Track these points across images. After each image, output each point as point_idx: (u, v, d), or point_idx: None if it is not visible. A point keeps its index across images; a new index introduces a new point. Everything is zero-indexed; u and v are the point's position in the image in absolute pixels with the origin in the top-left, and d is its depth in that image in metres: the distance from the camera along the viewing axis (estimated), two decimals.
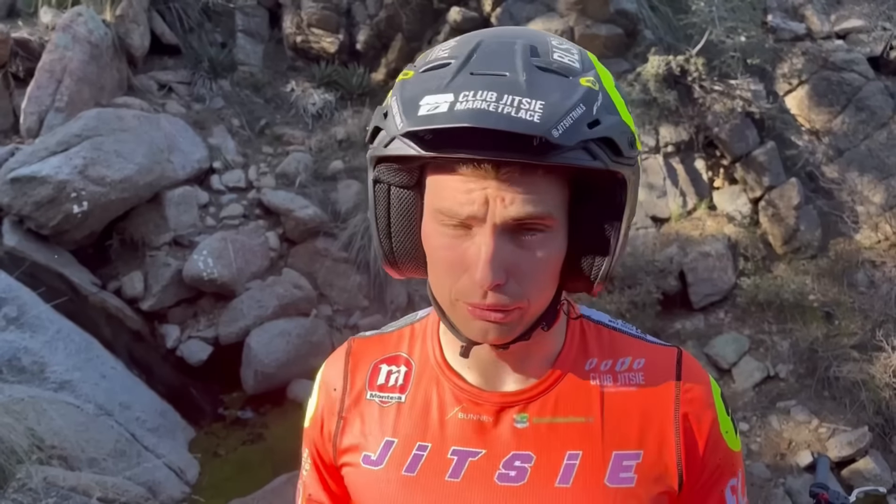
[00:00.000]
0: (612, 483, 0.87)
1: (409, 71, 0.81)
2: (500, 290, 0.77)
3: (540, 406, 0.90)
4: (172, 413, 5.58)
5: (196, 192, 6.84)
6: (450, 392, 0.93)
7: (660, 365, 0.93)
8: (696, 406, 0.92)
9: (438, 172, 0.78)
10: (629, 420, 0.90)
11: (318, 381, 1.05)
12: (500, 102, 0.69)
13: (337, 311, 6.73)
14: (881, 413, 6.37)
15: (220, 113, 7.78)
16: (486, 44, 0.78)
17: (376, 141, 0.80)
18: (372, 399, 0.98)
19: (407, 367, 0.97)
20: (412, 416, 0.94)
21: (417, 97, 0.74)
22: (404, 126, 0.73)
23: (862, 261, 7.32)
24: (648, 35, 7.70)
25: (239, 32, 8.52)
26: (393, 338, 1.02)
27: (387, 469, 0.93)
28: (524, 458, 0.88)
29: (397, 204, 0.84)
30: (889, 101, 7.67)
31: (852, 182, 7.58)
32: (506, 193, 0.74)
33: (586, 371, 0.92)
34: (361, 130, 7.88)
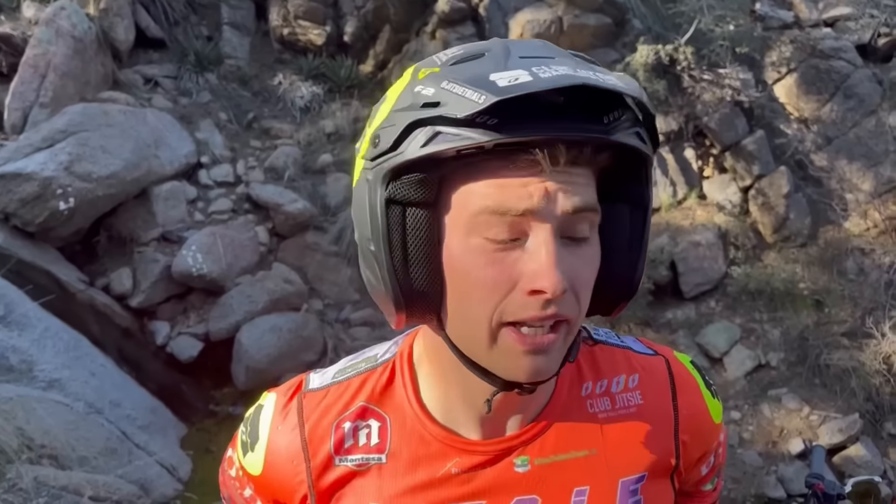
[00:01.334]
0: None
1: (431, 67, 0.70)
2: (559, 302, 0.68)
3: (540, 445, 0.83)
4: (163, 410, 5.55)
5: (184, 188, 6.78)
6: (438, 447, 0.83)
7: (654, 379, 0.89)
8: (693, 420, 0.90)
9: (474, 177, 0.68)
10: (632, 444, 0.86)
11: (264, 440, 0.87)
12: (577, 72, 0.63)
13: (328, 305, 6.70)
14: (871, 400, 6.41)
15: (206, 107, 7.71)
16: (510, 40, 0.73)
17: (405, 144, 0.67)
18: (342, 464, 0.84)
19: (379, 421, 0.85)
20: (398, 480, 0.82)
21: (482, 76, 0.64)
22: (488, 98, 0.61)
23: (851, 248, 7.35)
24: (637, 24, 7.68)
25: (225, 25, 8.44)
26: (352, 386, 0.87)
27: None
28: (530, 502, 0.82)
29: (415, 226, 0.70)
30: (877, 89, 7.69)
31: (841, 170, 7.60)
32: (566, 185, 0.67)
33: (583, 398, 0.86)
34: (350, 123, 7.84)
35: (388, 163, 0.69)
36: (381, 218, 0.70)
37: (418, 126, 0.66)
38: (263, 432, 0.89)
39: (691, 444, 0.89)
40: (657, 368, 0.90)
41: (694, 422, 0.89)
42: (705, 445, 0.93)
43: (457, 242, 0.70)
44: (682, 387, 0.90)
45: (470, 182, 0.68)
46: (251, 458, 0.90)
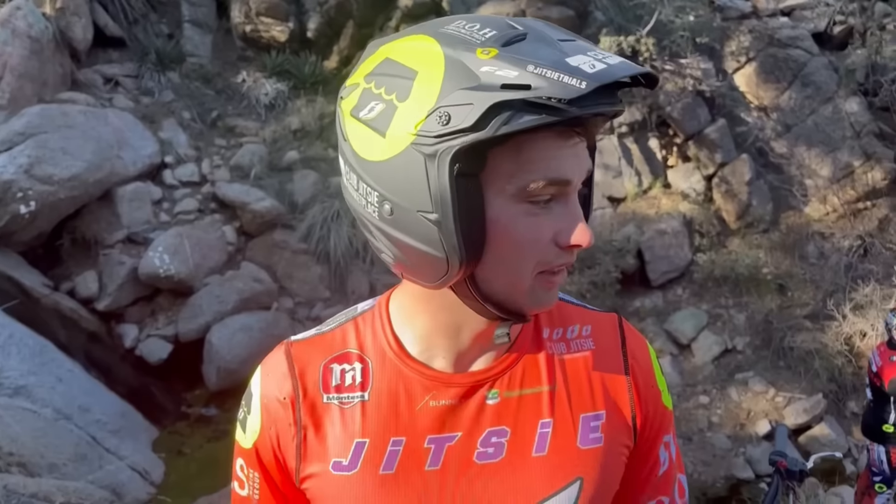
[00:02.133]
0: (584, 445, 0.90)
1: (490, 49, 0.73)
2: None
3: (508, 380, 0.90)
4: (134, 413, 5.49)
5: (148, 188, 6.71)
6: (416, 382, 0.90)
7: (605, 330, 0.97)
8: (641, 368, 0.97)
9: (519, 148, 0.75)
10: (588, 383, 0.93)
11: (257, 397, 0.94)
12: (613, 57, 0.73)
13: (298, 303, 6.67)
14: (834, 380, 6.58)
15: (169, 106, 7.62)
16: (517, 18, 0.80)
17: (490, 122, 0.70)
18: (330, 402, 0.91)
19: (361, 363, 0.92)
20: (380, 413, 0.89)
21: (559, 60, 0.71)
22: (590, 84, 0.68)
23: (812, 233, 7.52)
24: (599, 16, 7.75)
25: (186, 23, 8.34)
26: (336, 336, 0.94)
27: (362, 472, 0.89)
28: (500, 433, 0.89)
29: (470, 194, 0.75)
30: (833, 76, 7.86)
31: (800, 156, 7.76)
32: (583, 151, 0.79)
33: (543, 340, 0.94)
34: (316, 120, 7.81)
35: (464, 139, 0.72)
36: (451, 189, 0.73)
37: (503, 107, 0.70)
38: (256, 390, 0.94)
39: (643, 394, 0.95)
40: (608, 322, 0.99)
41: (643, 373, 0.96)
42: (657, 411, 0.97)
43: (503, 207, 0.77)
44: (632, 339, 0.98)
45: (519, 153, 0.75)
46: (250, 424, 0.94)
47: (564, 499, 0.89)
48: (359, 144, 0.79)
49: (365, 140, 0.78)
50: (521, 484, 0.89)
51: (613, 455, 0.92)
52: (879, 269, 7.13)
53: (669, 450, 1.00)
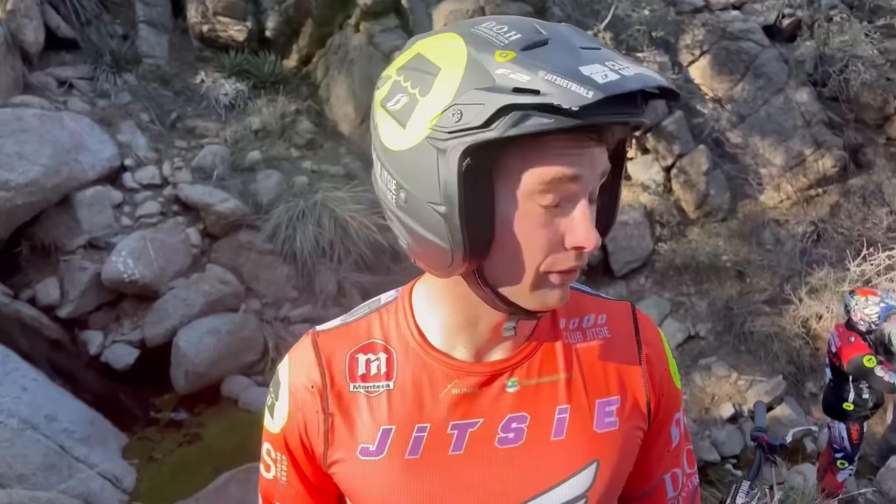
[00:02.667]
0: (600, 428, 0.95)
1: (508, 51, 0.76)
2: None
3: (527, 369, 0.95)
4: (102, 421, 5.39)
5: (108, 192, 6.59)
6: (439, 371, 0.94)
7: (619, 319, 1.02)
8: (654, 353, 1.02)
9: (531, 150, 0.77)
10: (604, 370, 0.98)
11: (285, 383, 0.98)
12: (633, 68, 0.74)
13: (266, 304, 6.63)
14: (793, 362, 6.79)
15: (127, 108, 7.49)
16: (544, 22, 0.82)
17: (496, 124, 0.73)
18: (356, 391, 0.95)
19: (386, 353, 0.96)
20: (405, 401, 0.94)
21: (572, 68, 0.72)
22: (597, 94, 0.70)
23: (767, 220, 7.74)
24: (557, 11, 7.85)
25: (140, 23, 8.20)
26: (360, 326, 0.99)
27: (389, 456, 0.93)
28: (520, 419, 0.94)
29: (479, 191, 0.78)
30: (784, 67, 8.09)
31: (755, 146, 7.98)
32: (599, 156, 0.80)
33: (560, 330, 0.98)
34: (278, 119, 7.76)
35: (474, 137, 0.75)
36: (459, 184, 0.76)
37: (513, 109, 0.73)
38: (284, 378, 0.99)
39: (657, 380, 1.01)
40: (622, 310, 1.04)
41: (657, 359, 1.02)
42: (669, 393, 1.02)
43: (512, 206, 0.80)
44: (645, 327, 1.03)
45: (530, 155, 0.78)
46: (278, 411, 0.99)
47: (582, 480, 0.94)
48: (384, 133, 0.83)
49: (389, 130, 0.82)
50: (540, 466, 0.93)
51: (628, 437, 0.98)
52: (832, 254, 7.38)
53: (679, 426, 1.07)
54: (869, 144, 8.22)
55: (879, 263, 6.98)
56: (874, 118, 8.29)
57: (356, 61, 7.91)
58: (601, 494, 0.95)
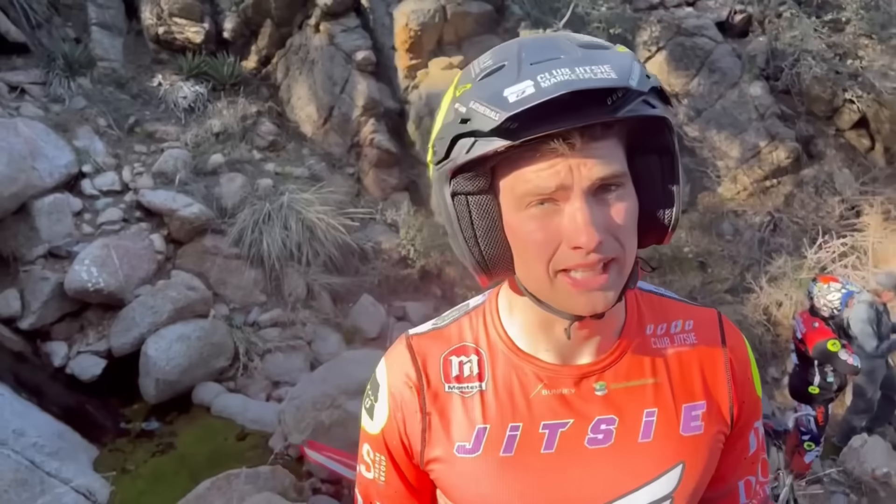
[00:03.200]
0: (686, 432, 0.99)
1: (465, 84, 0.85)
2: (600, 248, 0.82)
3: (614, 373, 0.98)
4: (71, 434, 5.26)
5: (68, 199, 6.43)
6: (529, 373, 0.98)
7: (706, 325, 1.05)
8: (740, 361, 1.04)
9: (515, 167, 0.83)
10: (690, 375, 1.01)
11: (384, 385, 1.03)
12: (574, 73, 0.77)
13: (234, 309, 6.55)
14: (756, 349, 6.97)
15: (83, 113, 7.31)
16: (526, 42, 0.86)
17: (454, 152, 0.83)
18: (451, 391, 0.99)
19: (477, 355, 1.00)
20: (497, 401, 0.98)
21: (498, 92, 0.78)
22: (501, 115, 0.76)
23: (726, 211, 7.94)
24: (516, 10, 7.91)
25: (93, 26, 8.01)
26: (452, 330, 1.04)
27: (484, 454, 0.96)
28: (608, 421, 0.97)
29: (478, 210, 0.86)
30: (737, 62, 8.30)
31: (712, 139, 8.18)
32: (586, 159, 0.81)
33: (647, 336, 1.02)
34: (238, 121, 7.67)
35: (446, 167, 0.85)
36: (451, 207, 0.87)
37: (461, 138, 0.82)
38: (382, 379, 1.04)
39: (741, 387, 1.03)
40: (709, 317, 1.06)
41: (741, 366, 1.04)
42: (750, 401, 1.05)
43: (512, 216, 0.86)
44: (731, 334, 1.06)
45: (513, 169, 0.84)
46: (377, 412, 1.04)
47: (668, 480, 0.98)
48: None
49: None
50: (629, 467, 0.97)
51: (712, 441, 1.01)
52: (789, 242, 7.61)
53: (758, 434, 1.10)
54: (820, 136, 8.49)
55: (834, 250, 7.23)
56: (824, 110, 8.57)
57: (317, 61, 7.86)
58: (687, 495, 0.99)
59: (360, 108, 7.63)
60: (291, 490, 4.44)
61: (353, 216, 7.09)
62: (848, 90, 8.02)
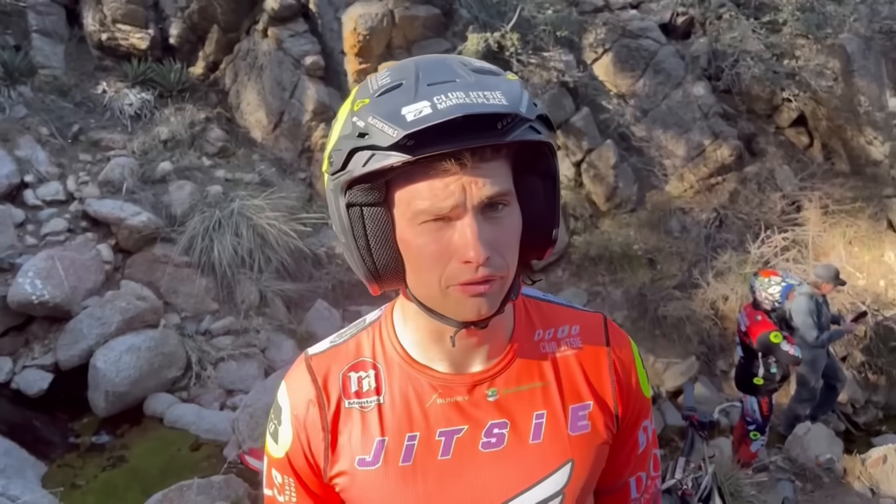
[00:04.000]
0: (574, 431, 1.05)
1: (363, 98, 0.89)
2: (487, 263, 0.88)
3: (505, 379, 1.04)
4: (17, 450, 5.14)
5: (9, 211, 6.27)
6: (424, 383, 1.03)
7: (592, 329, 1.11)
8: (624, 362, 1.11)
9: (409, 181, 0.87)
10: (577, 377, 1.07)
11: (286, 407, 1.06)
12: (469, 97, 0.82)
13: (186, 317, 6.47)
14: (704, 342, 7.17)
15: (23, 122, 7.14)
16: (422, 63, 0.91)
17: (350, 164, 0.86)
18: (352, 407, 1.03)
19: (374, 370, 1.05)
20: (395, 413, 1.02)
21: (396, 110, 0.83)
22: (399, 133, 0.81)
23: (674, 209, 8.12)
24: (464, 14, 7.97)
25: (34, 33, 7.82)
26: (350, 346, 1.08)
27: (385, 465, 1.01)
28: (501, 425, 1.03)
29: (372, 221, 0.90)
30: (680, 63, 8.50)
31: (658, 139, 8.36)
32: (477, 178, 0.86)
33: (536, 342, 1.08)
34: (186, 128, 7.58)
35: (342, 178, 0.88)
36: (344, 218, 0.90)
37: (357, 151, 0.86)
38: (284, 402, 1.07)
39: (626, 387, 1.10)
40: (595, 321, 1.14)
41: (625, 368, 1.11)
42: (637, 400, 1.12)
43: (406, 229, 0.90)
44: (615, 337, 1.13)
45: (407, 184, 0.88)
46: (282, 435, 1.06)
47: (559, 478, 1.04)
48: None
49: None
50: (521, 467, 1.03)
51: (599, 439, 1.07)
52: (734, 238, 7.82)
53: (647, 432, 1.17)
54: (761, 134, 8.75)
55: (776, 245, 7.45)
56: (764, 109, 8.83)
57: (266, 67, 7.81)
58: (576, 491, 1.05)
59: (311, 113, 7.61)
60: (245, 499, 4.41)
61: (305, 221, 7.06)
62: (786, 89, 8.28)
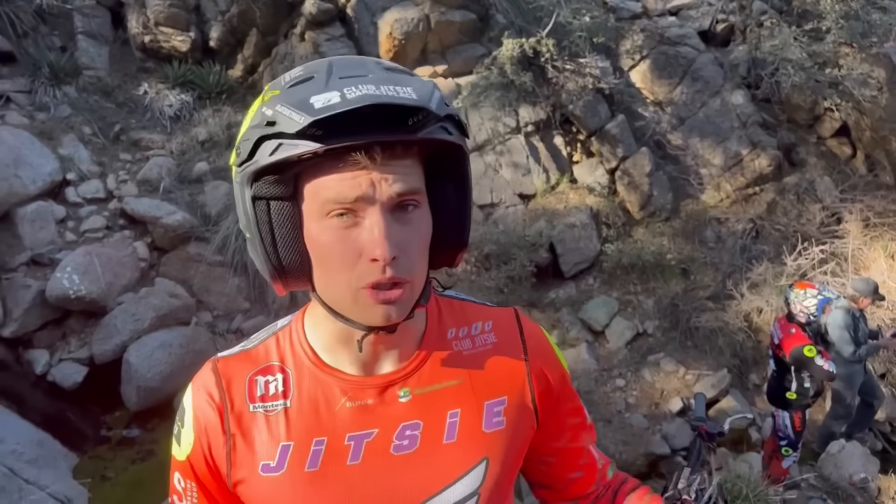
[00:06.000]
0: (488, 428, 1.02)
1: (274, 90, 0.87)
2: (395, 264, 0.86)
3: (417, 379, 1.01)
4: (51, 441, 5.28)
5: (51, 207, 6.45)
6: (333, 386, 0.99)
7: (504, 324, 1.09)
8: (540, 350, 1.09)
9: (319, 174, 0.85)
10: (491, 373, 1.05)
11: (189, 409, 1.01)
12: (380, 89, 0.81)
13: (217, 316, 6.57)
14: (737, 355, 7.02)
15: (68, 121, 7.34)
16: (336, 60, 0.90)
17: (258, 154, 0.84)
18: (256, 411, 0.99)
19: (283, 374, 1.01)
20: (302, 417, 0.98)
21: (305, 99, 0.81)
22: (306, 119, 0.79)
23: (709, 219, 7.99)
24: (500, 19, 7.98)
25: (79, 35, 8.05)
26: (259, 351, 1.04)
27: (289, 471, 0.96)
28: (413, 426, 0.99)
29: (279, 216, 0.88)
30: (719, 71, 8.38)
31: (694, 147, 8.24)
32: (387, 174, 0.84)
33: (449, 340, 1.05)
34: (224, 130, 7.70)
35: (248, 169, 0.85)
36: (250, 212, 0.87)
37: (265, 140, 0.83)
38: (188, 404, 1.02)
39: (542, 376, 1.08)
40: (507, 316, 1.11)
41: (541, 353, 1.09)
42: (558, 381, 1.10)
43: (313, 225, 0.87)
44: (528, 329, 1.11)
45: (316, 178, 0.85)
46: (184, 438, 1.02)
47: (474, 477, 1.01)
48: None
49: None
50: (435, 469, 0.99)
51: (515, 434, 1.05)
52: (770, 249, 7.66)
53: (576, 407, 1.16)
54: (801, 144, 8.57)
55: (814, 257, 7.28)
56: (805, 118, 8.65)
57: None
58: (491, 490, 1.02)
59: None
60: None
61: None
62: (828, 98, 8.10)
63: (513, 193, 7.69)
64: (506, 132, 7.81)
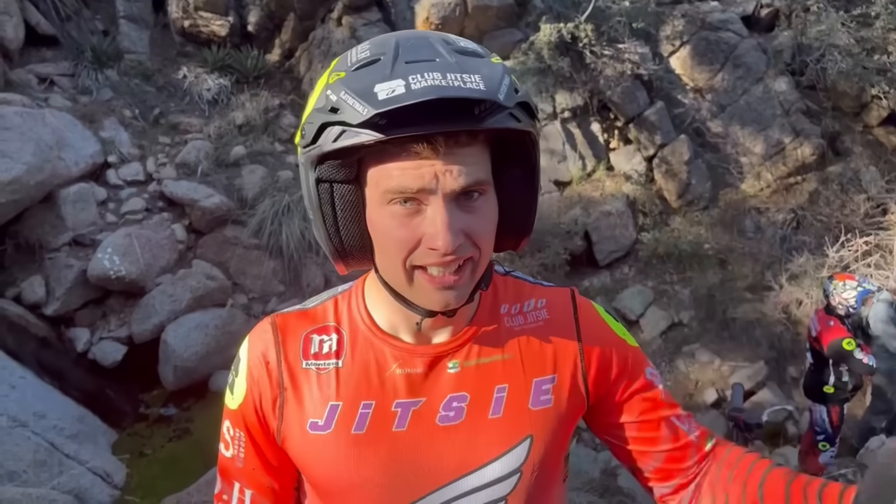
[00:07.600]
0: (535, 406, 1.01)
1: (339, 72, 0.86)
2: (457, 251, 0.86)
3: (467, 352, 1.01)
4: (91, 417, 5.41)
5: (93, 189, 6.57)
6: (385, 352, 1.00)
7: (559, 303, 1.08)
8: (595, 331, 1.07)
9: (382, 161, 0.84)
10: (542, 351, 1.04)
11: (244, 361, 1.03)
12: (446, 79, 0.79)
13: (253, 298, 6.65)
14: (774, 347, 6.90)
15: (109, 104, 7.46)
16: (403, 39, 0.88)
17: (321, 139, 0.84)
18: (308, 367, 1.00)
19: (338, 334, 1.02)
20: (352, 379, 0.99)
21: (369, 87, 0.80)
22: (369, 111, 0.78)
23: (748, 208, 7.84)
24: (538, 4, 7.89)
25: (121, 19, 8.16)
26: (318, 311, 1.05)
27: (336, 431, 0.98)
28: (460, 398, 1.00)
29: (342, 199, 0.89)
30: (762, 57, 8.18)
31: (735, 135, 8.08)
32: (451, 166, 0.83)
33: (501, 315, 1.05)
34: (261, 114, 7.76)
35: (312, 153, 0.86)
36: (314, 193, 0.89)
37: (328, 126, 0.83)
38: (244, 355, 1.04)
39: (597, 356, 1.06)
40: (562, 295, 1.10)
41: (596, 333, 1.07)
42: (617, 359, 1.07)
43: (375, 210, 0.88)
44: (584, 309, 1.09)
45: (380, 164, 0.85)
46: (237, 387, 1.04)
47: (517, 455, 1.00)
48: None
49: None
50: (478, 443, 0.99)
51: (562, 414, 1.03)
52: (811, 240, 7.50)
53: (654, 376, 1.10)
54: (846, 132, 8.35)
55: (857, 249, 7.10)
56: (851, 106, 8.41)
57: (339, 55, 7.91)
58: (534, 468, 1.01)
59: None
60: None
61: None
62: (876, 86, 7.87)
63: (548, 180, 7.63)
64: (542, 118, 7.74)
